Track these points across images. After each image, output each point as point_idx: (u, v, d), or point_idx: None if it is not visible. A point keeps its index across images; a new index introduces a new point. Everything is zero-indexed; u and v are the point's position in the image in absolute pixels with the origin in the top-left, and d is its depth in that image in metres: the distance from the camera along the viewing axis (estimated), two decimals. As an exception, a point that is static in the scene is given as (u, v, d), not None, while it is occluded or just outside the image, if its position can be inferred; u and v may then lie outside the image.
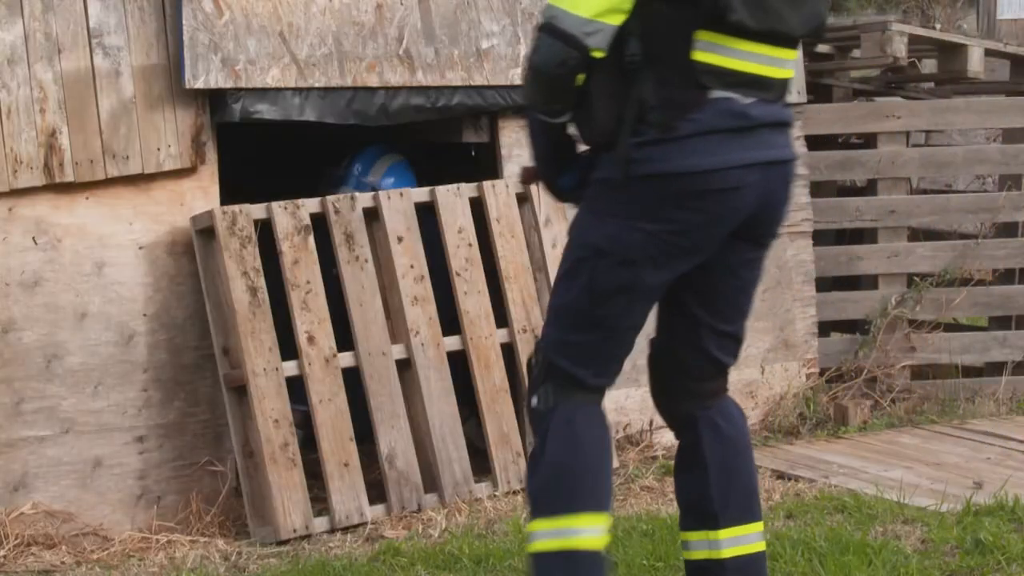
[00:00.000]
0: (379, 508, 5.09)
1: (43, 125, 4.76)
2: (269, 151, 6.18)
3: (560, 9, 3.34)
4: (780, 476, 5.52)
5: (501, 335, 5.45)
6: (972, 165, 7.25)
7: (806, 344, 6.54)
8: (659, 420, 5.97)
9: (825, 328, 6.96)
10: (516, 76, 5.67)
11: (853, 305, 6.89)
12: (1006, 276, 7.21)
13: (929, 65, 8.31)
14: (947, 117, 7.05)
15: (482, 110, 5.66)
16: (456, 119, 5.66)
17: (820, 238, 6.80)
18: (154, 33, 4.96)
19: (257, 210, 5.02)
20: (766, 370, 6.40)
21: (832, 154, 6.94)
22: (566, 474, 3.42)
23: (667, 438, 6.07)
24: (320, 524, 4.96)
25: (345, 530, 4.97)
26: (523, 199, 5.61)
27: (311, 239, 5.08)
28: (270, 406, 4.93)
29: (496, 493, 5.29)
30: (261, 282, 4.97)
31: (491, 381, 5.37)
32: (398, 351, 5.21)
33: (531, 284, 5.54)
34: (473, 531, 4.78)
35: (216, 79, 5.02)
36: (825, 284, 6.93)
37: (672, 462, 5.77)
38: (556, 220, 5.63)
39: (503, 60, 5.65)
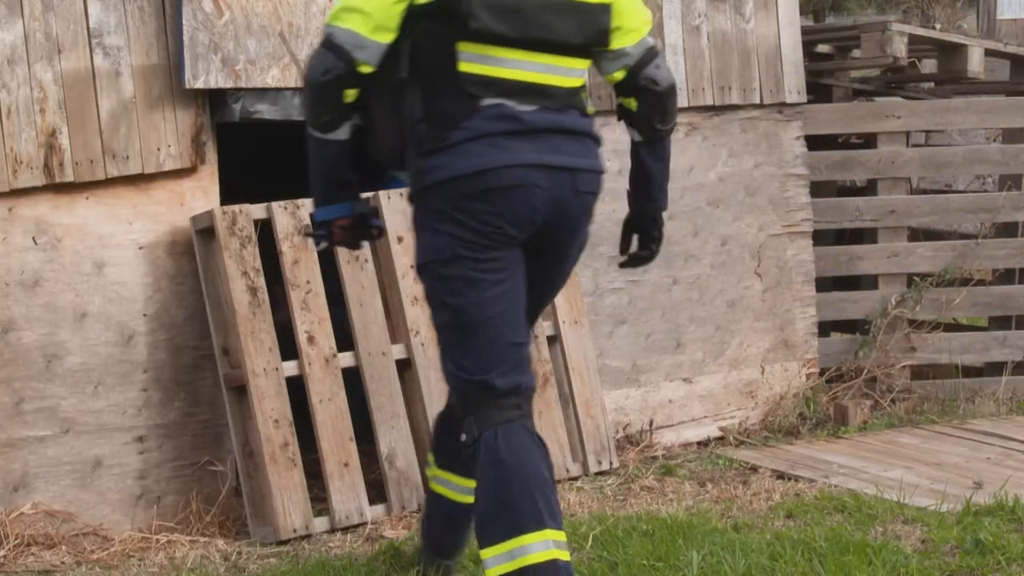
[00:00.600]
0: (379, 508, 5.09)
1: (43, 125, 4.76)
2: (269, 151, 6.18)
3: (335, 26, 3.66)
4: (780, 476, 5.52)
5: None
6: (972, 165, 7.25)
7: (806, 344, 6.55)
8: (659, 420, 6.00)
9: (825, 328, 6.96)
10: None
11: (853, 305, 6.89)
12: (1006, 276, 7.21)
13: (929, 65, 8.32)
14: (947, 117, 7.05)
15: (482, 110, 5.66)
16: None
17: (820, 238, 6.80)
18: (154, 33, 4.96)
19: (257, 210, 5.02)
20: (766, 370, 6.41)
21: (832, 154, 6.95)
22: (501, 501, 3.56)
23: (667, 438, 6.07)
24: (320, 524, 4.96)
25: (345, 530, 4.97)
26: None
27: (311, 239, 5.07)
28: (270, 406, 4.93)
29: None
30: (261, 282, 4.96)
31: None
32: (398, 351, 5.21)
33: None
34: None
35: (216, 79, 5.02)
36: (825, 284, 6.93)
37: (672, 462, 5.80)
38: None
39: (503, 60, 5.64)
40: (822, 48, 7.87)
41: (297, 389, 5.10)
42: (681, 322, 6.19)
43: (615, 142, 6.05)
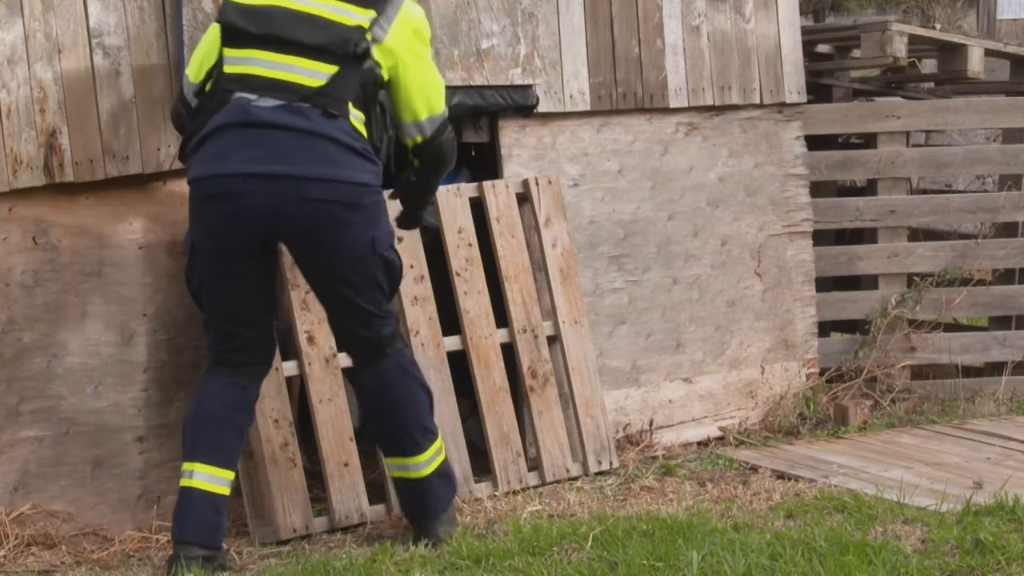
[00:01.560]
0: (379, 508, 5.09)
1: (43, 125, 4.76)
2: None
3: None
4: (780, 476, 5.52)
5: (501, 335, 5.46)
6: (972, 165, 7.25)
7: (806, 344, 6.55)
8: (659, 420, 6.00)
9: (825, 328, 6.96)
10: (516, 76, 5.68)
11: (853, 305, 6.89)
12: (1006, 276, 7.21)
13: (929, 65, 8.32)
14: (947, 117, 7.05)
15: (482, 110, 5.66)
16: (456, 119, 5.66)
17: (820, 238, 6.80)
18: (154, 33, 4.96)
19: None
20: (766, 370, 6.41)
21: (832, 154, 6.94)
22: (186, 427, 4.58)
23: (667, 438, 6.07)
24: (320, 524, 4.97)
25: (345, 530, 4.97)
26: (523, 199, 5.62)
27: None
28: (270, 406, 4.92)
29: (496, 493, 5.29)
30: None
31: (491, 381, 5.37)
32: None
33: (531, 284, 5.54)
34: (473, 531, 4.78)
35: (216, 79, 5.02)
36: (825, 284, 6.93)
37: (672, 462, 5.81)
38: (556, 220, 5.63)
39: (503, 60, 5.65)
40: (822, 48, 7.87)
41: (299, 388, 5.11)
42: (681, 322, 6.19)
43: (614, 142, 6.05)
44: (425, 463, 4.70)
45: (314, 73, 4.34)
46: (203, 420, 4.54)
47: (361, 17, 4.41)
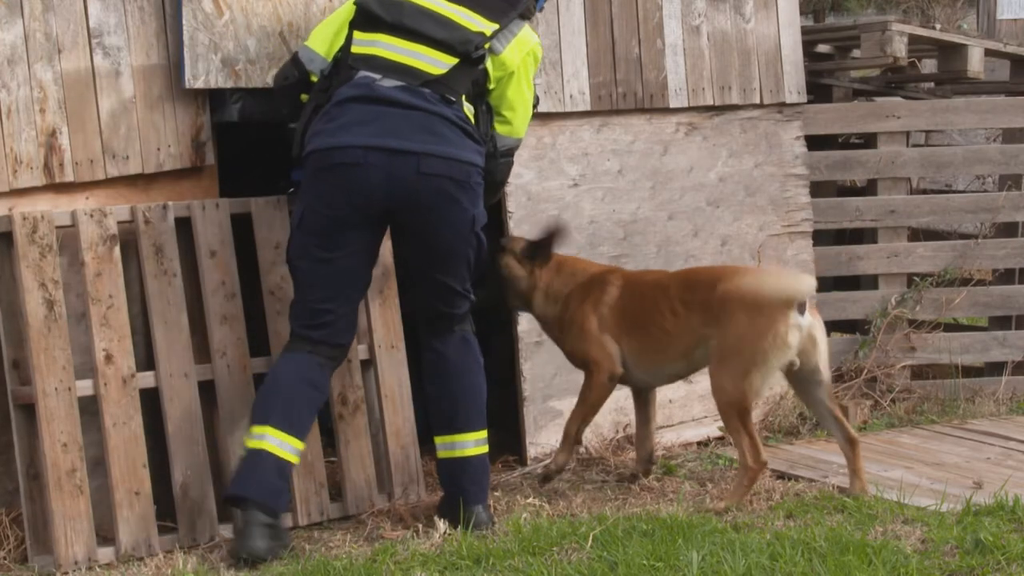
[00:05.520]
0: (170, 537, 4.79)
1: (43, 125, 4.76)
2: (269, 151, 6.17)
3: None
4: (780, 476, 5.52)
5: None
6: (972, 165, 7.25)
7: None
8: (659, 420, 5.98)
9: (825, 328, 6.95)
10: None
11: (853, 305, 6.89)
12: (1006, 276, 7.21)
13: (929, 65, 8.32)
14: (947, 117, 7.05)
15: (482, 110, 5.67)
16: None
17: (820, 238, 6.80)
18: (154, 33, 4.96)
19: (61, 216, 4.71)
20: (766, 370, 6.40)
21: (832, 154, 6.94)
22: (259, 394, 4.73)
23: (667, 438, 6.07)
24: (105, 555, 4.67)
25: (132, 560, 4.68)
26: None
27: (117, 250, 4.75)
28: (59, 428, 4.60)
29: (298, 524, 5.00)
30: (60, 295, 4.64)
31: None
32: (202, 372, 4.93)
33: None
34: (473, 531, 4.77)
35: (216, 79, 5.02)
36: (825, 284, 6.92)
37: (672, 462, 5.81)
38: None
39: (503, 60, 5.64)
40: (822, 48, 7.87)
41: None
42: (681, 322, 6.18)
43: (614, 142, 6.05)
44: (471, 443, 4.88)
45: (436, 62, 4.69)
46: (278, 388, 4.68)
47: (485, 26, 4.78)
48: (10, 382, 4.70)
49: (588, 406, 5.31)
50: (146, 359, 4.86)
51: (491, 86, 4.83)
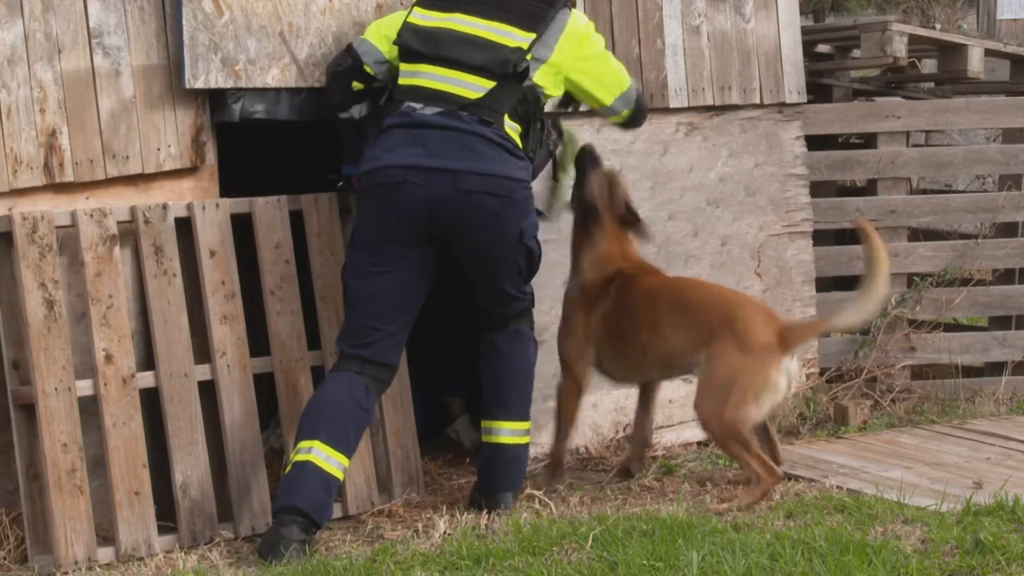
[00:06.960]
0: (170, 538, 4.80)
1: (43, 125, 4.76)
2: (270, 152, 6.18)
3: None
4: (780, 476, 5.51)
5: (313, 357, 5.18)
6: (972, 165, 7.25)
7: (806, 344, 6.54)
8: (659, 420, 5.99)
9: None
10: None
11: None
12: (1006, 276, 7.21)
13: (929, 65, 8.32)
14: (947, 117, 7.05)
15: (482, 110, 5.67)
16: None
17: (820, 238, 6.80)
18: (154, 33, 4.96)
19: (60, 216, 4.73)
20: (766, 370, 6.39)
21: (832, 154, 6.94)
22: (306, 412, 4.81)
23: (667, 438, 6.07)
24: (105, 555, 4.68)
25: (132, 560, 4.68)
26: (347, 213, 5.29)
27: (117, 250, 4.77)
28: (59, 428, 4.61)
29: None
30: (60, 295, 4.66)
31: (298, 407, 5.01)
32: (201, 372, 4.94)
33: None
34: (474, 531, 4.78)
35: (216, 79, 5.02)
36: (825, 284, 6.93)
37: (672, 462, 5.81)
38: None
39: (503, 60, 5.64)
40: (822, 48, 7.88)
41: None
42: (681, 322, 6.18)
43: (614, 142, 6.05)
44: (511, 432, 5.06)
45: (473, 86, 4.85)
46: (326, 405, 4.78)
47: (521, 39, 4.89)
48: (10, 382, 4.70)
49: (563, 418, 5.39)
50: (146, 359, 4.86)
51: (560, 89, 5.06)
